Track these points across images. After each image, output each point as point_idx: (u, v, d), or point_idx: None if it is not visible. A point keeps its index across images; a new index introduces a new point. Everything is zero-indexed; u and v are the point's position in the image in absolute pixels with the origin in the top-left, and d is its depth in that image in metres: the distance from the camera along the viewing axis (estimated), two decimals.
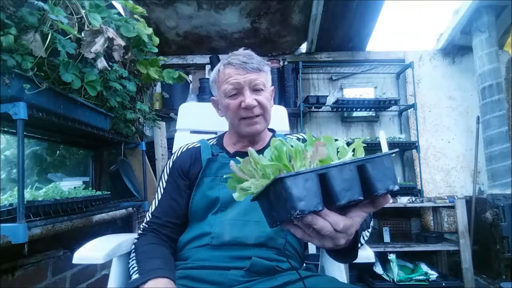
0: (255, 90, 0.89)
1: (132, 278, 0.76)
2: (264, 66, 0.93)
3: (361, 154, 0.56)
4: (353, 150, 0.56)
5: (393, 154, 0.54)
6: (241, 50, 0.93)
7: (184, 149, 1.01)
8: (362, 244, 0.74)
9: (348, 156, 0.54)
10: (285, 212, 0.47)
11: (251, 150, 0.54)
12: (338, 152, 0.56)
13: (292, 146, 0.52)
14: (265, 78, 0.92)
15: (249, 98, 0.87)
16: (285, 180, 0.45)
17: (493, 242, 2.36)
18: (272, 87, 1.00)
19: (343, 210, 0.54)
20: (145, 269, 0.74)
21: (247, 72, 0.88)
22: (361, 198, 0.49)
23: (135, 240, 0.88)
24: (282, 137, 1.01)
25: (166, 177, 0.96)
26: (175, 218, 0.91)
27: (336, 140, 0.60)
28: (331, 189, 0.48)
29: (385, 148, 0.57)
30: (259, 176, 0.52)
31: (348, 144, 0.57)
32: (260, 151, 0.98)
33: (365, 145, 0.56)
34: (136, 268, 0.78)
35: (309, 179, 0.46)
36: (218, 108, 1.00)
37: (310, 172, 0.47)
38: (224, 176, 0.90)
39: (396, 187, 0.51)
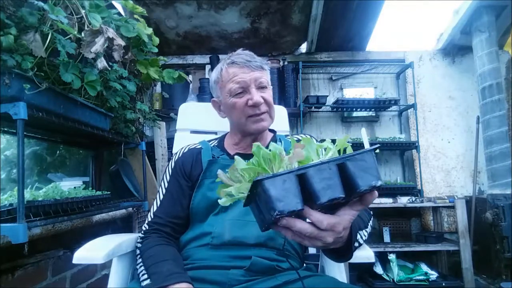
0: (260, 87, 0.90)
1: (143, 284, 0.75)
2: (265, 65, 0.95)
3: (348, 152, 0.56)
4: (341, 150, 0.57)
5: (376, 150, 0.54)
6: (240, 50, 0.94)
7: (186, 149, 1.01)
8: (360, 244, 0.74)
9: (329, 156, 0.55)
10: (267, 214, 0.48)
11: (237, 157, 0.55)
12: (325, 150, 0.57)
13: (270, 150, 0.53)
14: (268, 77, 0.94)
15: (257, 96, 0.88)
16: (263, 182, 0.47)
17: (493, 242, 2.36)
18: (271, 87, 1.01)
19: (332, 209, 0.54)
20: (158, 276, 0.72)
21: (252, 70, 0.89)
22: (342, 195, 0.49)
23: (138, 244, 0.86)
24: (282, 138, 1.02)
25: (168, 177, 0.96)
26: (177, 218, 0.90)
27: (323, 140, 0.61)
28: (311, 189, 0.48)
29: (367, 146, 0.58)
30: (246, 181, 0.53)
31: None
32: None
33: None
34: (145, 275, 0.76)
35: (287, 180, 0.47)
36: (219, 109, 1.00)
37: (287, 173, 0.48)
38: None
39: (379, 183, 0.51)
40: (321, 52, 3.01)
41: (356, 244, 0.70)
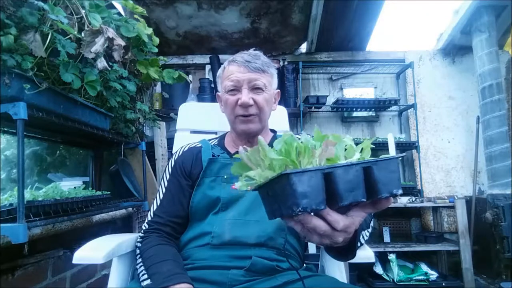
0: (254, 89, 0.90)
1: (143, 284, 0.74)
2: (269, 68, 0.94)
3: (367, 154, 0.55)
4: (361, 151, 0.56)
5: (400, 158, 0.54)
6: (250, 51, 0.95)
7: (186, 148, 1.01)
8: (362, 244, 0.74)
9: (355, 157, 0.53)
10: (286, 208, 0.46)
11: (260, 139, 0.53)
12: (345, 150, 0.55)
13: (301, 142, 0.51)
14: (268, 80, 0.93)
15: (246, 96, 0.89)
16: (291, 176, 0.45)
17: (493, 242, 2.35)
18: (278, 90, 1.01)
19: (344, 208, 0.54)
20: (158, 276, 0.72)
21: (249, 71, 0.89)
22: (364, 200, 0.49)
23: (138, 244, 0.86)
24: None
25: (168, 176, 0.96)
26: (177, 217, 0.90)
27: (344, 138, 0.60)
28: (335, 189, 0.47)
29: (392, 151, 0.57)
30: (265, 166, 0.52)
31: (356, 144, 0.56)
32: None
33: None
34: (145, 275, 0.76)
35: (314, 177, 0.46)
36: (221, 103, 1.01)
37: (316, 170, 0.46)
38: (225, 176, 0.90)
39: (400, 192, 0.51)
40: (321, 52, 3.01)
41: (359, 244, 0.70)
